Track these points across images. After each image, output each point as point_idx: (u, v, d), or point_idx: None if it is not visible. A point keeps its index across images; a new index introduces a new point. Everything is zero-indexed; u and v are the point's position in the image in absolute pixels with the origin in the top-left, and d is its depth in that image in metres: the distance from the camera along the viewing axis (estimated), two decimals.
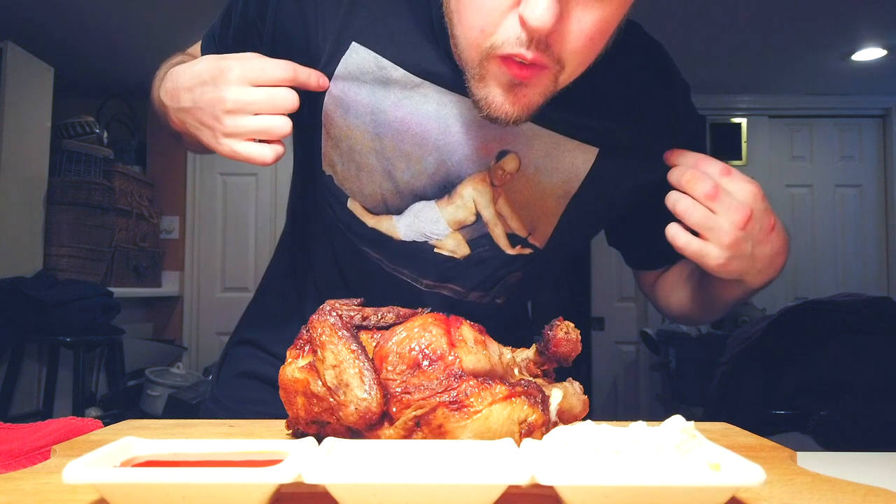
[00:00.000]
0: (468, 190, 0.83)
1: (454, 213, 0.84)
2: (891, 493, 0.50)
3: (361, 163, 0.83)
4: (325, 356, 0.58)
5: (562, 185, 0.84)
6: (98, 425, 0.73)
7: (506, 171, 0.82)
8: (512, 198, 0.84)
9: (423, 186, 0.83)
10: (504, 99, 0.70)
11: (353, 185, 0.85)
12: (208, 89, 0.74)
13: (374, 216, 0.86)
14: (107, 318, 3.41)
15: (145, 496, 0.42)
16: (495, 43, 0.67)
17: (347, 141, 0.83)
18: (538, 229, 0.87)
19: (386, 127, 0.81)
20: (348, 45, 0.80)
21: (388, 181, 0.83)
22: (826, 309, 2.40)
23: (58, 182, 3.57)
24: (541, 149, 0.81)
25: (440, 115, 0.80)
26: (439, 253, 0.86)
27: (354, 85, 0.80)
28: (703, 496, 0.42)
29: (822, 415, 2.18)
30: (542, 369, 0.66)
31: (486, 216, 0.84)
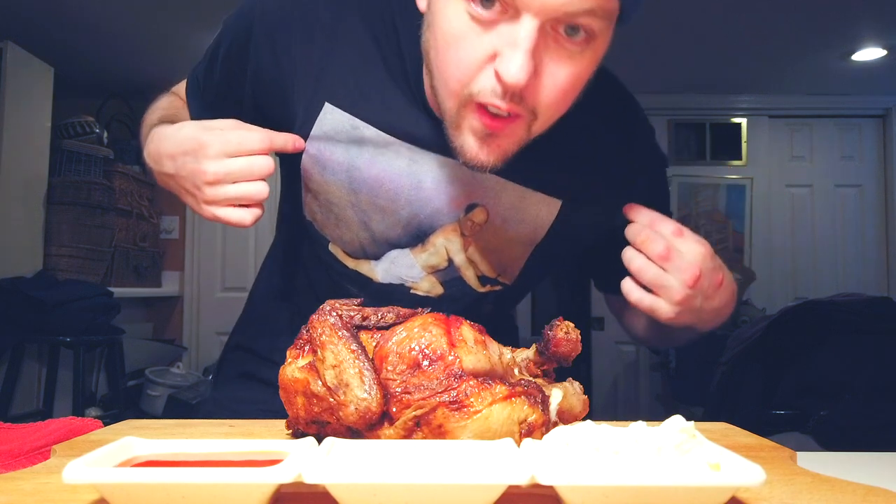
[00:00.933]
0: (440, 239, 0.88)
1: (428, 259, 0.89)
2: (891, 493, 0.50)
3: (340, 214, 0.88)
4: (325, 356, 0.58)
5: (528, 234, 0.89)
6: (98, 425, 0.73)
7: (475, 222, 0.87)
8: (481, 245, 0.89)
9: (398, 236, 0.88)
10: (479, 148, 0.74)
11: (333, 233, 0.91)
12: (189, 160, 0.78)
13: (354, 259, 0.92)
14: (107, 318, 3.41)
15: (145, 496, 0.42)
16: (472, 91, 0.70)
17: (325, 195, 0.88)
18: (507, 271, 0.92)
19: (361, 183, 0.85)
20: (322, 106, 0.83)
21: (364, 231, 0.88)
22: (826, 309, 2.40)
23: (58, 182, 3.57)
24: (507, 201, 0.86)
25: (412, 172, 0.84)
26: (415, 293, 0.92)
27: (330, 144, 0.84)
28: (703, 496, 0.42)
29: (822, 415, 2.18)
30: (542, 369, 0.66)
31: (458, 262, 0.90)
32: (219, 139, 0.76)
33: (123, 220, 3.99)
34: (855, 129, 4.61)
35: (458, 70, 0.70)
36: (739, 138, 4.60)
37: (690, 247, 0.78)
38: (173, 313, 4.59)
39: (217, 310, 4.60)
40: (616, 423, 0.58)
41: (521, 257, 0.91)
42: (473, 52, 0.69)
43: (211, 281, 4.63)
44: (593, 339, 4.49)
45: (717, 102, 4.54)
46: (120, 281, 3.93)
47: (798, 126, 4.61)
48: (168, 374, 3.98)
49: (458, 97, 0.72)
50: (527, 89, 0.69)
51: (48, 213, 3.54)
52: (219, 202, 0.77)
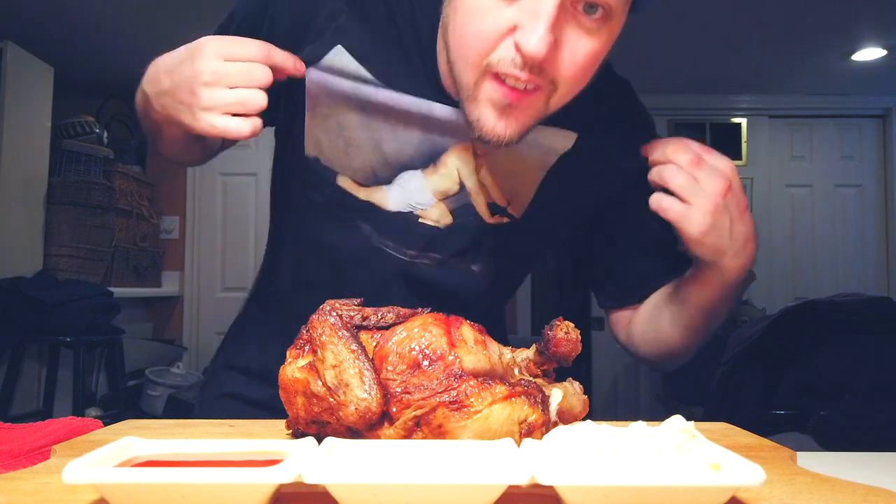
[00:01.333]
0: (452, 159, 0.87)
1: (439, 182, 0.88)
2: (891, 493, 0.50)
3: (350, 137, 0.87)
4: (325, 356, 0.58)
5: (541, 158, 0.88)
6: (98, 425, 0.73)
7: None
8: (493, 168, 0.88)
9: (410, 157, 0.87)
10: (496, 120, 0.74)
11: (342, 162, 0.88)
12: (185, 66, 0.76)
13: (365, 188, 0.89)
14: (107, 318, 3.41)
15: (145, 496, 0.42)
16: (491, 62, 0.71)
17: (335, 117, 0.86)
18: (516, 199, 0.91)
19: (372, 106, 0.85)
20: (333, 46, 0.84)
21: (376, 153, 0.87)
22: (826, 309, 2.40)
23: (58, 182, 3.57)
24: None
25: (426, 91, 0.85)
26: (424, 223, 0.90)
27: (335, 77, 0.85)
28: (703, 496, 0.42)
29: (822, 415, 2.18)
30: (542, 369, 0.66)
31: (469, 185, 0.88)
32: (216, 41, 0.76)
33: (123, 220, 3.99)
34: (855, 129, 4.60)
35: (477, 41, 0.71)
36: (739, 138, 4.60)
37: (719, 159, 0.79)
38: (173, 313, 4.59)
39: (217, 310, 4.60)
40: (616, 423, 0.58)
41: (532, 184, 0.90)
42: (494, 24, 0.70)
43: (211, 281, 4.63)
44: (593, 339, 4.49)
45: (717, 102, 4.54)
46: (120, 281, 3.93)
47: (798, 126, 4.61)
48: (168, 374, 3.98)
49: (477, 68, 0.72)
50: (546, 61, 0.70)
51: (48, 213, 3.54)
52: (215, 108, 0.75)
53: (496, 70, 0.71)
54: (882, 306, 2.40)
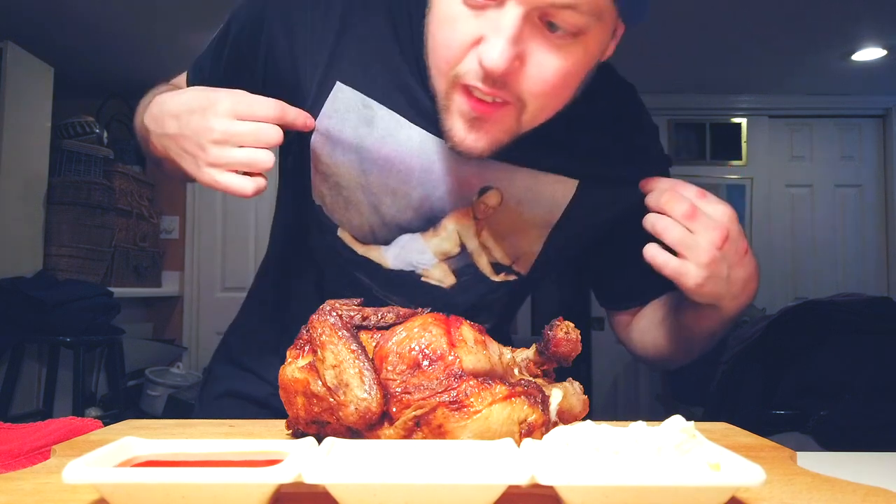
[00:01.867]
0: (452, 224, 0.86)
1: (439, 244, 0.87)
2: (891, 494, 0.50)
3: (349, 197, 0.86)
4: (325, 356, 0.58)
5: (543, 216, 0.87)
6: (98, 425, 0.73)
7: (488, 205, 0.85)
8: (495, 230, 0.87)
9: (409, 220, 0.86)
10: (466, 133, 0.73)
11: (342, 217, 0.88)
12: (196, 118, 0.75)
13: (364, 245, 0.89)
14: (107, 318, 3.41)
15: (145, 496, 0.42)
16: (459, 73, 0.71)
17: (334, 177, 0.86)
18: (521, 258, 0.90)
19: (371, 164, 0.83)
20: (333, 85, 0.82)
21: (374, 215, 0.86)
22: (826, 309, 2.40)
23: (58, 182, 3.57)
24: (521, 183, 0.84)
25: (423, 153, 0.83)
26: (427, 282, 0.89)
27: (339, 123, 0.83)
28: (703, 496, 0.42)
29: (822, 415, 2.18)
30: (542, 369, 0.66)
31: (471, 247, 0.88)
32: (230, 98, 0.74)
33: (123, 220, 3.98)
34: (855, 129, 4.60)
35: (447, 51, 0.71)
36: (739, 138, 4.60)
37: (716, 207, 0.76)
38: (173, 313, 4.59)
39: (217, 310, 4.59)
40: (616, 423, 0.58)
41: (536, 242, 0.89)
42: (461, 35, 0.69)
43: (211, 281, 4.63)
44: (593, 339, 4.49)
45: (717, 102, 4.54)
46: (120, 281, 3.93)
47: (798, 126, 4.61)
48: (168, 374, 3.98)
49: (447, 78, 0.72)
50: (510, 76, 0.69)
51: (48, 213, 3.54)
52: (222, 165, 0.74)
53: (463, 81, 0.71)
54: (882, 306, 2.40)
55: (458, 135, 0.74)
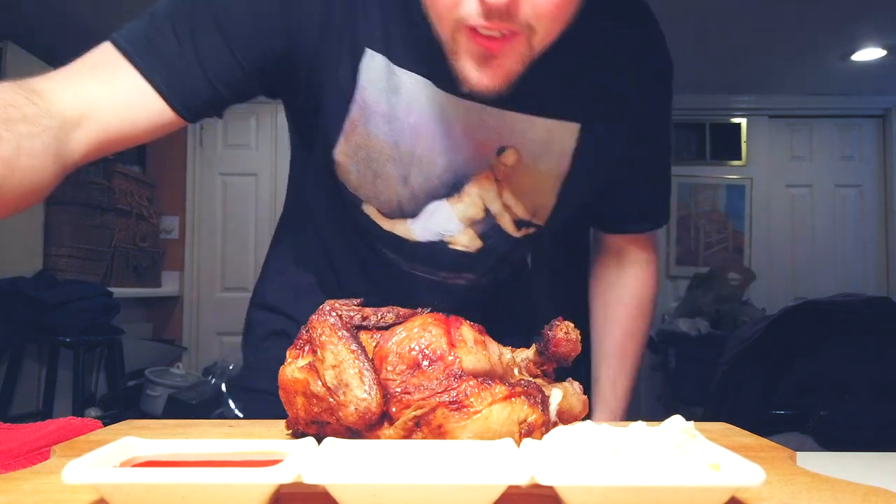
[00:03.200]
0: (475, 189, 0.88)
1: (465, 210, 0.89)
2: (891, 494, 0.50)
3: (378, 170, 0.86)
4: (324, 356, 0.58)
5: (556, 167, 0.89)
6: (98, 425, 0.73)
7: (507, 165, 0.87)
8: (515, 188, 0.89)
9: (436, 187, 0.87)
10: (479, 72, 0.73)
11: (369, 192, 0.88)
12: None
13: (390, 220, 0.90)
14: (106, 318, 3.41)
15: (145, 496, 0.42)
16: (460, 16, 0.70)
17: (366, 149, 0.85)
18: (539, 210, 0.92)
19: (401, 133, 0.83)
20: (363, 52, 0.81)
21: (404, 187, 0.87)
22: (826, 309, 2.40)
23: None
24: (534, 137, 0.86)
25: (444, 118, 0.83)
26: (454, 249, 0.91)
27: (373, 93, 0.82)
28: (703, 496, 0.42)
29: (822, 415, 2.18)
30: (541, 369, 0.66)
31: (495, 210, 0.90)
32: None
33: (123, 220, 3.98)
34: (855, 129, 4.61)
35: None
36: (739, 138, 4.60)
37: None
38: (173, 313, 4.59)
39: (217, 310, 4.60)
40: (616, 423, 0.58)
41: (551, 193, 0.90)
42: None
43: (211, 281, 4.63)
44: None
45: (717, 102, 4.54)
46: (120, 281, 3.93)
47: (798, 126, 4.61)
48: (168, 374, 3.98)
49: (449, 23, 0.71)
50: (513, 5, 0.67)
51: (48, 213, 3.54)
52: None
53: (467, 23, 0.70)
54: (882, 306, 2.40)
55: (472, 76, 0.73)
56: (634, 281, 1.07)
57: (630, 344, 1.06)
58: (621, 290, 1.07)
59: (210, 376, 3.83)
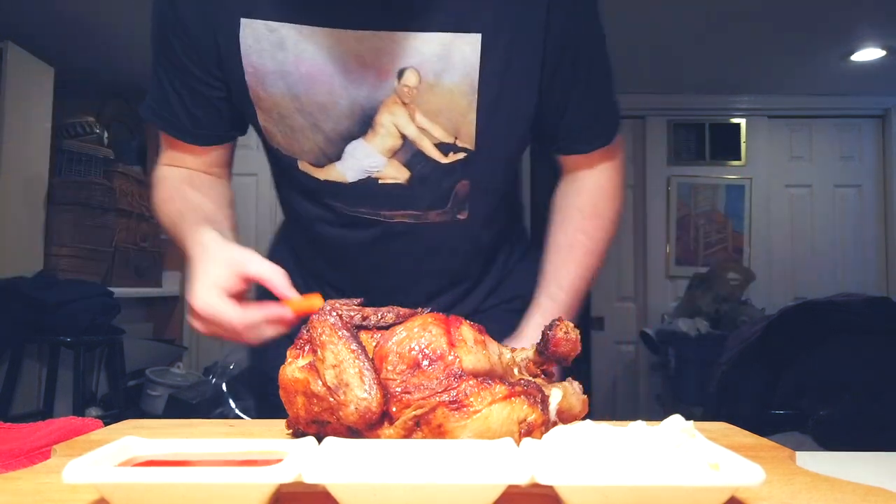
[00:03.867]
0: (385, 117, 0.89)
1: (382, 142, 0.90)
2: (890, 493, 0.50)
3: (292, 124, 0.91)
4: (325, 356, 0.59)
5: (464, 81, 0.87)
6: (98, 425, 0.73)
7: (410, 86, 0.87)
8: (426, 109, 0.88)
9: (348, 128, 0.90)
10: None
11: (294, 147, 0.93)
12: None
13: (321, 168, 0.94)
14: (107, 317, 3.40)
15: (145, 496, 0.42)
16: None
17: (275, 109, 0.90)
18: (461, 131, 0.90)
19: (297, 84, 0.87)
20: (238, 24, 0.86)
21: (318, 133, 0.90)
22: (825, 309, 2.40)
23: (58, 182, 3.57)
24: (431, 53, 0.86)
25: (335, 57, 0.86)
26: (385, 183, 0.93)
27: (258, 56, 0.87)
28: (703, 496, 0.42)
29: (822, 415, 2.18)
30: (541, 369, 0.66)
31: (410, 134, 0.90)
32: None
33: (124, 221, 3.98)
34: (854, 129, 4.60)
35: None
36: (739, 138, 4.60)
37: None
38: (173, 313, 4.59)
39: None
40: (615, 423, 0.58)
41: (468, 111, 0.88)
42: None
43: None
44: (593, 339, 4.49)
45: (716, 102, 4.54)
46: (120, 281, 3.93)
47: (797, 126, 4.61)
48: (168, 374, 3.98)
49: None
50: None
51: (49, 213, 3.54)
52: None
53: None
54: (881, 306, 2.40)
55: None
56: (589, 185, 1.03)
57: (581, 238, 1.02)
58: (575, 196, 1.04)
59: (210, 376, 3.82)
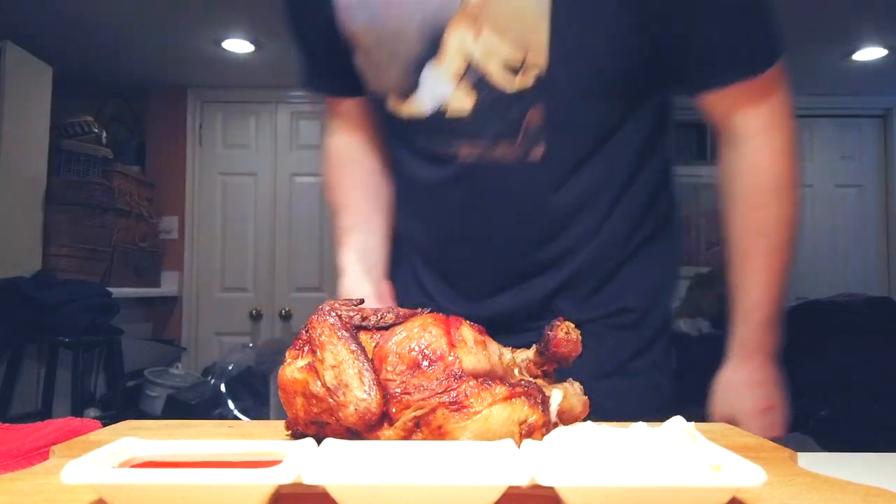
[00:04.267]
0: (452, 38, 0.85)
1: (449, 66, 0.86)
2: (891, 494, 0.50)
3: (374, 59, 0.92)
4: (324, 357, 0.58)
5: None
6: (97, 426, 0.73)
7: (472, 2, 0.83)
8: (493, 24, 0.82)
9: (419, 53, 0.87)
10: None
11: (380, 84, 0.94)
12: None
13: (403, 102, 0.92)
14: (106, 318, 3.40)
15: (144, 497, 0.42)
16: None
17: (364, 44, 0.92)
18: (532, 44, 0.81)
19: (375, 14, 0.88)
20: None
21: (394, 60, 0.89)
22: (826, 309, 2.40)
23: (57, 182, 3.57)
24: None
25: None
26: (453, 117, 0.88)
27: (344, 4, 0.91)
28: (704, 497, 0.42)
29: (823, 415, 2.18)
30: (542, 370, 0.65)
31: (476, 54, 0.84)
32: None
33: (123, 220, 3.98)
34: (855, 129, 4.60)
35: None
36: None
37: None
38: (172, 313, 4.59)
39: (216, 310, 4.60)
40: (616, 424, 0.58)
41: (538, 20, 0.79)
42: None
43: (210, 281, 4.63)
44: None
45: None
46: (119, 281, 3.92)
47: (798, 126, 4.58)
48: (167, 374, 3.98)
49: None
50: None
51: (47, 212, 3.54)
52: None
53: None
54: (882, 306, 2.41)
55: None
56: (749, 162, 0.87)
57: (755, 241, 0.87)
58: (736, 178, 0.88)
59: (209, 377, 3.83)
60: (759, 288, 0.91)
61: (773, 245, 0.88)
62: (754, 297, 0.91)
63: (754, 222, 0.88)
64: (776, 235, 0.88)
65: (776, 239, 0.88)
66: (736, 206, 0.89)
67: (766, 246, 0.88)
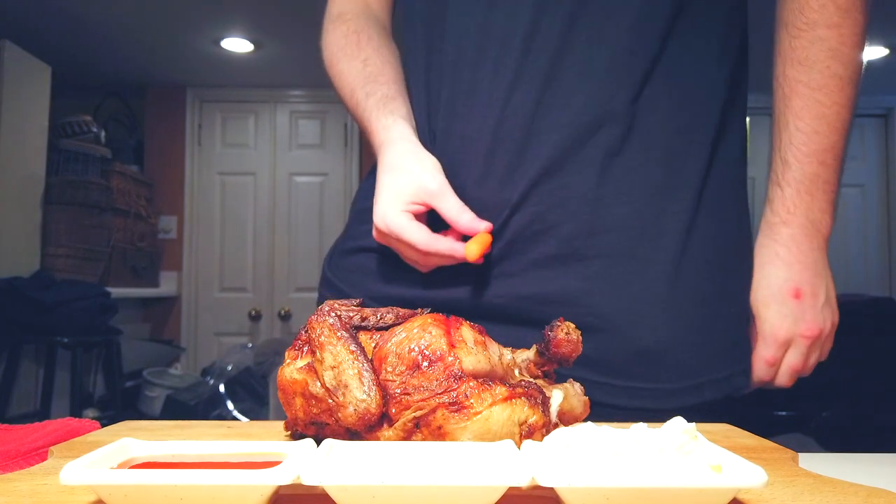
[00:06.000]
0: None
1: None
2: (893, 495, 0.50)
3: None
4: (323, 357, 0.58)
5: None
6: (95, 426, 0.73)
7: None
8: None
9: None
10: None
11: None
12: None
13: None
14: (104, 318, 3.40)
15: (143, 498, 0.42)
16: None
17: None
18: None
19: None
20: None
21: None
22: None
23: (55, 181, 3.57)
24: None
25: None
26: None
27: None
28: (705, 498, 0.42)
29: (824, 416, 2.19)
30: (542, 370, 0.65)
31: None
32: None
33: (121, 220, 3.98)
34: (857, 128, 4.59)
35: None
36: None
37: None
38: (171, 313, 4.59)
39: (215, 310, 4.59)
40: (617, 425, 0.58)
41: None
42: None
43: (209, 281, 4.63)
44: None
45: None
46: (117, 281, 3.93)
47: None
48: (166, 374, 3.98)
49: None
50: None
51: (45, 212, 3.54)
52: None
53: None
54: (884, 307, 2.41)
55: None
56: (816, 41, 0.74)
57: (794, 73, 0.73)
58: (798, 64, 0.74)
59: (208, 377, 3.83)
60: (797, 136, 0.75)
61: (816, 82, 0.73)
62: (794, 147, 0.75)
63: (794, 51, 0.74)
64: (821, 69, 0.73)
65: (820, 75, 0.73)
66: (778, 34, 0.75)
67: (808, 81, 0.73)
